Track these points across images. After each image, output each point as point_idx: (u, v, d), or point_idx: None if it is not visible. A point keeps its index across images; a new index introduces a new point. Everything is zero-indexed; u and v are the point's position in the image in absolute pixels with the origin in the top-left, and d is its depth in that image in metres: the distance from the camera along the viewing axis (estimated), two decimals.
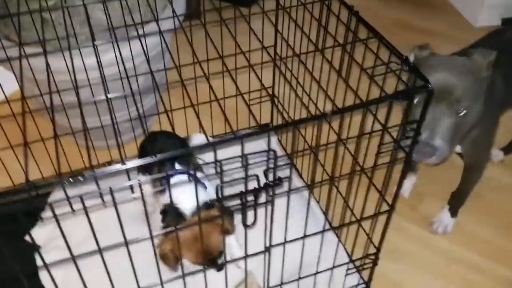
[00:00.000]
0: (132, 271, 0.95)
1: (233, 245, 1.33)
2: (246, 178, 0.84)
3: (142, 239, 0.89)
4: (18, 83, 1.65)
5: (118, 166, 0.75)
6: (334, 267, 1.22)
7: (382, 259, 1.46)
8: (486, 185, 1.70)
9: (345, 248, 1.42)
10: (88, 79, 1.49)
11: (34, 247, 1.47)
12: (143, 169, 1.38)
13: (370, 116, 1.04)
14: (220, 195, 0.84)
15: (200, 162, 1.52)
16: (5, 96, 1.41)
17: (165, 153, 0.76)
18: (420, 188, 1.71)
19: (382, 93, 0.97)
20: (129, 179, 0.79)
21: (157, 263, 0.97)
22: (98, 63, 1.22)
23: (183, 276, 1.01)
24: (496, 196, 1.69)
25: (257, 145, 1.46)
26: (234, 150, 1.05)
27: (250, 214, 0.92)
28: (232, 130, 0.85)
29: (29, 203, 0.75)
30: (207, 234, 1.16)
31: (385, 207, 1.13)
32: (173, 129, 1.07)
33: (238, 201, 0.88)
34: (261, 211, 0.96)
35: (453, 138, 1.11)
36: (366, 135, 1.02)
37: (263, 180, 0.88)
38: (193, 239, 1.16)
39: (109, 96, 1.04)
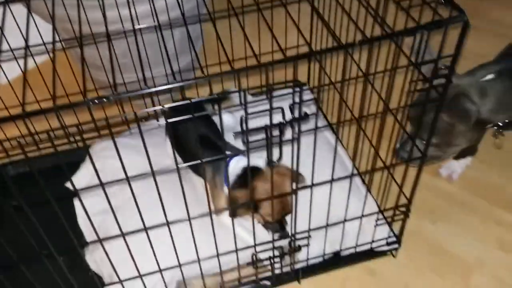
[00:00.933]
0: (160, 204, 0.96)
1: None
2: (270, 110, 0.83)
3: (168, 170, 0.90)
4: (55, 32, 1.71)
5: (144, 90, 0.76)
6: (363, 216, 1.21)
7: (416, 218, 1.43)
8: None
9: (375, 200, 1.39)
10: (125, 32, 1.52)
11: (74, 193, 1.52)
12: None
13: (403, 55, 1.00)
14: (244, 128, 0.84)
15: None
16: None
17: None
18: None
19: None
20: (154, 105, 0.80)
21: (185, 199, 0.98)
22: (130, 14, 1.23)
23: (210, 214, 1.02)
24: None
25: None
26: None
27: (275, 151, 0.91)
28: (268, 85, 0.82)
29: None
30: (282, 187, 1.18)
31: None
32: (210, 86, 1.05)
33: (262, 136, 0.87)
34: (286, 152, 0.95)
35: None
36: (397, 71, 0.98)
37: (289, 117, 0.87)
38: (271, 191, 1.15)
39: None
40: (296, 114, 0.85)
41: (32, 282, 1.02)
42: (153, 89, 0.76)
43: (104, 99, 0.74)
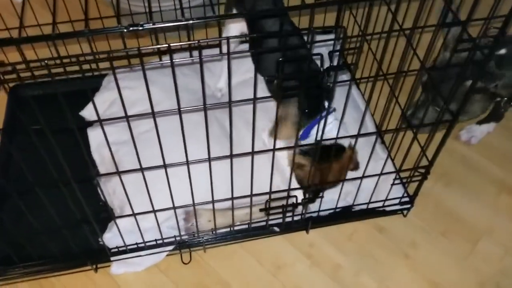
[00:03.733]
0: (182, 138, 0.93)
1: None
2: (309, 56, 0.79)
3: (193, 107, 0.87)
4: None
5: (178, 21, 0.71)
6: (381, 174, 1.19)
7: (431, 180, 1.42)
8: None
9: (391, 160, 1.38)
10: None
11: (87, 123, 1.51)
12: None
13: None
14: (280, 72, 0.80)
15: None
16: None
17: None
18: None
19: None
20: (189, 40, 0.75)
21: (208, 138, 0.95)
22: None
23: (231, 156, 1.00)
24: None
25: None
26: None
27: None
28: None
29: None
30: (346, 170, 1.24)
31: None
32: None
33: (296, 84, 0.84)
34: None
35: None
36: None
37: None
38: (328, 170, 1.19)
39: None
40: (335, 62, 0.81)
41: (47, 207, 1.01)
42: (190, 22, 0.71)
43: (139, 27, 0.69)
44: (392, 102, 1.21)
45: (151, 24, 0.71)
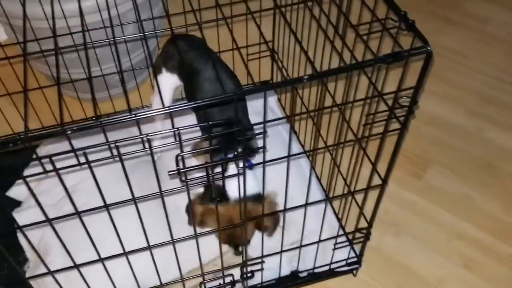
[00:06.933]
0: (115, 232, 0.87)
1: None
2: (210, 149, 0.74)
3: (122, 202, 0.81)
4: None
5: (127, 116, 0.66)
6: (320, 241, 1.13)
7: (379, 232, 1.38)
8: (500, 158, 1.57)
9: (336, 216, 1.32)
10: (68, 27, 1.38)
11: (14, 205, 1.42)
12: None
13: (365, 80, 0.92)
14: (182, 167, 0.74)
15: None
16: None
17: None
18: (426, 155, 1.59)
19: (377, 54, 0.84)
20: (140, 133, 0.69)
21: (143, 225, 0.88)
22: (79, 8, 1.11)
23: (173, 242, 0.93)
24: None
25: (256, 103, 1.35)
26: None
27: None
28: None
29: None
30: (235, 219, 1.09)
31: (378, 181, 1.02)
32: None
33: (203, 174, 0.78)
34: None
35: None
36: (358, 102, 0.90)
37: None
38: (226, 221, 1.07)
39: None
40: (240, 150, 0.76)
41: None
42: (139, 116, 0.67)
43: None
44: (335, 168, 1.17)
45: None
